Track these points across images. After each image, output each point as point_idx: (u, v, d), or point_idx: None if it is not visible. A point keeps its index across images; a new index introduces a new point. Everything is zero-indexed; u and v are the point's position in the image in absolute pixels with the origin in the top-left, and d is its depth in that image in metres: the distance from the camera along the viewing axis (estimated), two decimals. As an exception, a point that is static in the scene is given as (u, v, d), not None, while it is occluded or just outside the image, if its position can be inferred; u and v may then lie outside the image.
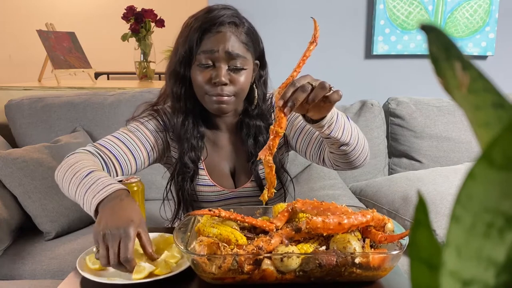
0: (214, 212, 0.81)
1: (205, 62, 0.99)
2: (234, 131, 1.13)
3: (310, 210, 0.81)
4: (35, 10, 4.11)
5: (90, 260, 0.79)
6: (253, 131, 1.09)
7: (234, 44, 0.99)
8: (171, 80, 1.05)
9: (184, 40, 1.00)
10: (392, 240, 0.75)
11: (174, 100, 1.06)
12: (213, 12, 1.00)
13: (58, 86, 2.17)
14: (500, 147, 0.17)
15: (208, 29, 0.98)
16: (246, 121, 1.10)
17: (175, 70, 1.03)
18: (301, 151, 1.09)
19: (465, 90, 0.20)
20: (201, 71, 1.00)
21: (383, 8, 2.17)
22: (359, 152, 0.97)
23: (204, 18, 0.99)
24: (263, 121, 1.10)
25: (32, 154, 1.63)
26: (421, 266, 0.20)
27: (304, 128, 1.07)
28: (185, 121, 1.06)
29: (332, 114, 0.85)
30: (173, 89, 1.04)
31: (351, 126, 0.93)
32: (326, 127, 0.85)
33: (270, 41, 2.32)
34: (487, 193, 0.18)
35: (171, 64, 1.05)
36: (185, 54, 1.00)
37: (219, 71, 0.98)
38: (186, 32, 1.01)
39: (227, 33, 0.99)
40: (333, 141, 0.91)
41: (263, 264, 0.70)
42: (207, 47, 0.98)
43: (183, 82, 1.03)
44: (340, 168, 1.01)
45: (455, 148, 2.02)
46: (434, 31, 0.20)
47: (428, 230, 0.19)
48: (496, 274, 0.19)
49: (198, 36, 0.98)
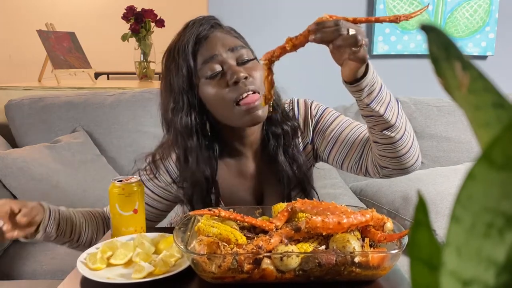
0: (214, 212, 0.81)
1: (212, 71, 0.89)
2: (259, 151, 1.01)
3: (309, 209, 0.81)
4: (35, 10, 4.11)
5: (90, 260, 0.79)
6: (281, 141, 0.98)
7: (231, 40, 0.93)
8: (176, 116, 0.92)
9: (176, 67, 0.91)
10: (392, 239, 0.75)
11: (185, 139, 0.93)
12: (189, 27, 0.92)
13: (58, 86, 2.17)
14: (500, 147, 0.17)
15: (197, 41, 0.91)
16: (272, 130, 0.98)
17: (177, 104, 0.92)
18: (337, 163, 1.00)
19: (465, 90, 0.20)
20: (212, 83, 0.90)
21: (383, 8, 2.17)
22: (408, 144, 0.86)
23: (186, 35, 0.91)
24: (289, 121, 0.99)
25: (32, 154, 1.63)
26: (421, 266, 0.20)
27: (340, 137, 0.98)
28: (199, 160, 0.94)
29: (374, 80, 0.78)
30: (181, 125, 0.92)
31: (399, 108, 0.85)
32: (366, 93, 0.78)
33: (270, 42, 2.32)
34: (487, 193, 0.18)
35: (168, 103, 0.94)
36: (184, 80, 0.91)
37: (232, 68, 0.89)
38: (174, 59, 0.92)
39: (217, 34, 0.92)
40: (375, 119, 0.82)
41: (262, 264, 0.70)
42: (207, 55, 0.90)
43: (192, 111, 0.92)
44: (389, 170, 0.90)
45: (455, 148, 2.02)
46: (434, 31, 0.20)
47: (428, 230, 0.19)
48: (496, 274, 0.19)
49: (191, 52, 0.90)
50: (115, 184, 0.91)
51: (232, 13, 2.19)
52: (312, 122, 1.02)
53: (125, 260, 0.80)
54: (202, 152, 0.94)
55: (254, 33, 1.05)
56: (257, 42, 1.05)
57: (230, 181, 1.01)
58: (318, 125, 1.01)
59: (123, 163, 1.91)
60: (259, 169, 1.02)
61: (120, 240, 0.86)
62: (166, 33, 2.42)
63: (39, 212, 0.90)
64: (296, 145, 1.01)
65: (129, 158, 1.92)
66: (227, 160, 1.01)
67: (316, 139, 1.02)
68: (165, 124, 0.97)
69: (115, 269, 0.79)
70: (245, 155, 1.01)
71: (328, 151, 1.00)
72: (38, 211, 0.90)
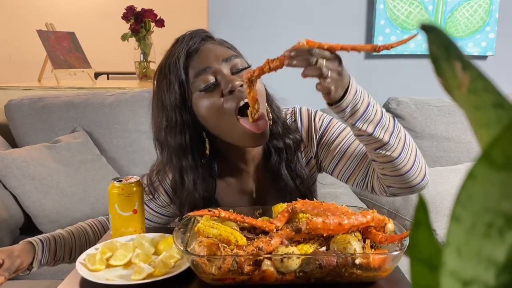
0: (213, 213, 0.81)
1: (206, 82, 0.85)
2: (260, 167, 0.97)
3: (310, 210, 0.81)
4: (35, 10, 4.11)
5: (89, 261, 0.79)
6: (283, 156, 0.94)
7: (223, 50, 0.89)
8: (170, 135, 0.89)
9: (167, 84, 0.87)
10: (393, 240, 0.74)
11: (180, 158, 0.90)
12: (179, 42, 0.89)
13: (58, 86, 2.17)
14: (500, 147, 0.17)
15: (188, 55, 0.87)
16: (273, 144, 0.94)
17: (170, 122, 0.88)
18: (342, 178, 0.97)
19: (465, 90, 0.20)
20: (206, 95, 0.85)
21: (383, 8, 2.17)
22: (408, 162, 0.84)
23: (176, 50, 0.88)
24: (290, 134, 0.95)
25: (32, 154, 1.63)
26: (421, 266, 0.20)
27: (346, 152, 0.95)
28: (196, 181, 0.91)
29: (357, 100, 0.76)
30: (175, 144, 0.88)
31: (395, 126, 0.81)
32: (349, 114, 0.77)
33: (269, 41, 2.32)
34: (487, 193, 0.18)
35: (160, 122, 0.89)
36: (176, 96, 0.87)
37: (226, 77, 0.85)
38: (165, 75, 0.88)
39: (209, 46, 0.88)
40: (365, 138, 0.80)
41: (263, 265, 0.70)
42: (199, 68, 0.86)
43: (186, 129, 0.88)
44: (394, 188, 0.88)
45: (455, 148, 2.02)
46: (434, 31, 0.20)
47: (428, 230, 0.19)
48: (496, 274, 0.19)
49: (183, 67, 0.86)
50: (115, 184, 0.91)
51: (232, 12, 2.19)
52: (316, 136, 0.98)
53: (124, 261, 0.80)
54: (199, 172, 0.91)
55: (255, 31, 1.05)
56: (257, 41, 1.05)
57: (230, 200, 0.97)
58: (323, 139, 0.98)
59: (123, 163, 1.91)
60: (260, 185, 0.98)
61: (119, 240, 0.86)
62: (166, 33, 2.41)
63: (26, 256, 0.90)
64: (298, 158, 0.97)
65: (129, 158, 1.92)
66: (227, 178, 0.97)
67: (320, 153, 0.99)
68: (158, 144, 0.93)
69: (115, 270, 0.79)
70: (246, 171, 0.97)
71: (334, 166, 0.97)
72: (25, 256, 0.90)
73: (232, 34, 0.99)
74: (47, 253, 0.93)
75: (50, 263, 0.94)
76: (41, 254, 0.92)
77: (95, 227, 1.04)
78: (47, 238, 0.95)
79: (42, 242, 0.93)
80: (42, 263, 0.93)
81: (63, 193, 1.61)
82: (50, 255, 0.93)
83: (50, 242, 0.94)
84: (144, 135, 1.87)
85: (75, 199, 1.63)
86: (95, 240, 1.02)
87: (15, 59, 4.07)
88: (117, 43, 2.47)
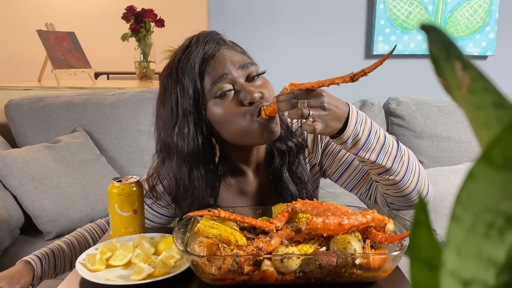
0: (213, 213, 0.81)
1: (223, 90, 0.84)
2: (262, 169, 0.98)
3: (310, 210, 0.81)
4: (35, 10, 4.11)
5: (89, 261, 0.79)
6: (286, 158, 0.95)
7: (238, 57, 0.88)
8: (180, 140, 0.87)
9: (181, 89, 0.85)
10: (393, 240, 0.74)
11: (192, 164, 0.89)
12: (193, 45, 0.87)
13: (58, 86, 2.17)
14: (500, 147, 0.17)
15: (204, 61, 0.85)
16: (276, 146, 0.95)
17: (181, 128, 0.86)
18: (346, 187, 0.99)
19: (465, 90, 0.20)
20: (222, 103, 0.85)
21: (383, 8, 2.17)
22: (412, 183, 0.85)
23: (191, 55, 0.86)
24: (293, 138, 0.96)
25: (32, 154, 1.63)
26: (421, 266, 0.20)
27: (352, 164, 0.95)
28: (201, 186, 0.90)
29: (357, 131, 0.78)
30: (188, 151, 0.87)
31: (398, 149, 0.82)
32: (351, 145, 0.79)
33: (269, 41, 2.32)
34: (487, 193, 0.18)
35: (168, 126, 0.88)
36: (191, 102, 0.85)
37: (246, 88, 0.84)
38: (178, 79, 0.86)
39: (224, 52, 0.87)
40: (368, 165, 0.82)
41: (263, 265, 0.70)
42: (216, 75, 0.85)
43: (198, 135, 0.87)
44: (396, 205, 0.90)
45: (455, 148, 2.02)
46: (434, 31, 0.20)
47: (428, 230, 0.19)
48: (496, 274, 0.19)
49: (198, 73, 0.85)
50: (115, 184, 0.91)
51: (232, 12, 2.19)
52: (322, 143, 0.99)
53: (124, 261, 0.80)
54: (208, 178, 0.91)
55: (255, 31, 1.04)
56: (257, 41, 1.05)
57: (230, 201, 0.98)
58: (328, 147, 0.98)
59: (123, 163, 1.91)
60: (261, 187, 0.99)
61: (119, 240, 0.86)
62: (166, 33, 2.41)
63: (26, 277, 0.87)
64: (301, 162, 0.97)
65: (129, 158, 1.92)
66: (228, 180, 0.97)
67: (325, 162, 0.99)
68: (166, 149, 0.90)
69: (114, 270, 0.79)
70: (247, 174, 0.97)
71: (338, 176, 0.98)
72: (25, 278, 0.87)
73: (232, 34, 0.98)
74: (46, 268, 0.91)
75: (51, 276, 0.93)
76: (41, 271, 0.90)
77: (94, 233, 1.03)
78: (45, 253, 0.93)
79: (40, 259, 0.91)
80: (43, 279, 0.92)
81: (63, 193, 1.61)
82: (50, 269, 0.92)
83: (48, 257, 0.93)
84: (144, 135, 1.87)
85: (75, 199, 1.63)
86: None
87: (15, 59, 4.07)
88: (117, 43, 2.47)
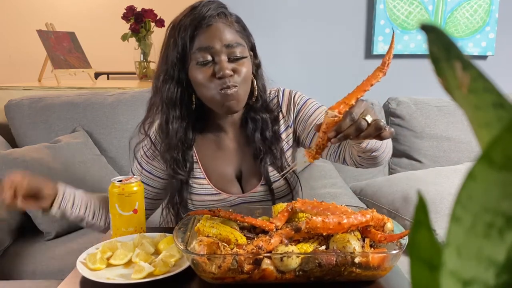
0: (213, 212, 0.81)
1: (204, 59, 0.95)
2: (238, 131, 1.09)
3: (309, 209, 0.81)
4: (35, 10, 4.10)
5: (90, 260, 0.79)
6: (259, 125, 1.06)
7: (229, 35, 0.96)
8: (164, 86, 1.00)
9: (174, 43, 0.97)
10: (392, 239, 0.75)
11: (169, 108, 1.01)
12: (197, 8, 0.97)
13: (58, 86, 2.17)
14: (500, 147, 0.17)
15: (198, 25, 0.95)
16: (251, 115, 1.06)
17: (168, 75, 0.99)
18: None
19: (465, 90, 0.20)
20: (201, 69, 0.96)
21: (383, 8, 2.17)
22: (386, 153, 0.94)
23: (191, 16, 0.96)
24: (269, 113, 1.07)
25: (32, 154, 1.63)
26: (421, 266, 0.20)
27: None
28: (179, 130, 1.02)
29: None
30: (167, 95, 1.00)
31: None
32: (366, 143, 0.85)
33: (269, 41, 2.32)
34: (487, 193, 0.18)
35: (161, 71, 1.01)
36: (178, 56, 0.97)
37: (222, 64, 0.94)
38: (174, 34, 0.97)
39: (219, 25, 0.96)
40: (365, 150, 0.88)
41: (263, 264, 0.70)
42: (203, 43, 0.95)
43: (179, 85, 1.00)
44: (363, 167, 0.99)
45: (455, 148, 2.02)
46: (434, 31, 0.20)
47: (428, 230, 0.19)
48: (496, 274, 0.19)
49: (190, 35, 0.95)
50: (115, 184, 0.91)
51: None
52: (294, 109, 1.09)
53: (125, 261, 0.80)
54: (182, 123, 1.02)
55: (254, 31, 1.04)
56: (257, 41, 1.06)
57: (209, 153, 1.08)
58: (300, 113, 1.09)
59: (123, 163, 1.91)
60: (237, 146, 1.09)
61: (120, 240, 0.86)
62: (166, 33, 2.39)
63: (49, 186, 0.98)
64: (274, 131, 1.07)
65: (129, 158, 1.92)
66: (207, 134, 1.08)
67: (298, 127, 1.09)
68: (154, 89, 1.04)
69: (115, 269, 0.79)
70: (225, 131, 1.08)
71: (310, 139, 1.06)
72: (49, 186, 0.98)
73: (232, 34, 1.00)
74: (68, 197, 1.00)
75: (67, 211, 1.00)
76: (62, 196, 0.99)
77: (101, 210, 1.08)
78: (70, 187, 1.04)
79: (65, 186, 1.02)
80: (61, 206, 0.99)
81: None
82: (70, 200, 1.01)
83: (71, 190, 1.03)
84: (144, 135, 1.86)
85: (75, 199, 1.62)
86: None
87: (15, 59, 4.07)
88: (117, 43, 2.47)
